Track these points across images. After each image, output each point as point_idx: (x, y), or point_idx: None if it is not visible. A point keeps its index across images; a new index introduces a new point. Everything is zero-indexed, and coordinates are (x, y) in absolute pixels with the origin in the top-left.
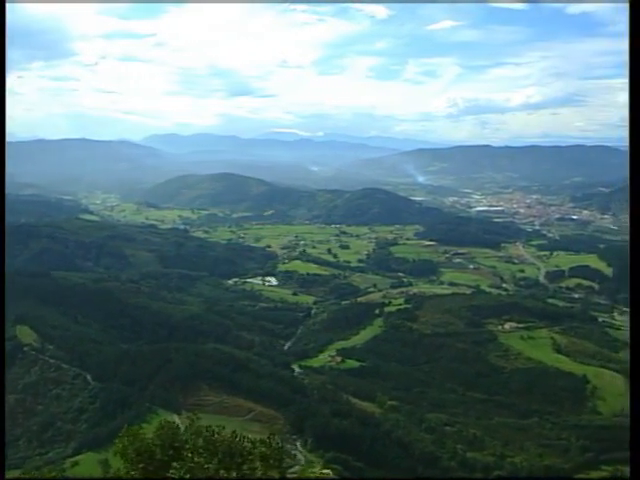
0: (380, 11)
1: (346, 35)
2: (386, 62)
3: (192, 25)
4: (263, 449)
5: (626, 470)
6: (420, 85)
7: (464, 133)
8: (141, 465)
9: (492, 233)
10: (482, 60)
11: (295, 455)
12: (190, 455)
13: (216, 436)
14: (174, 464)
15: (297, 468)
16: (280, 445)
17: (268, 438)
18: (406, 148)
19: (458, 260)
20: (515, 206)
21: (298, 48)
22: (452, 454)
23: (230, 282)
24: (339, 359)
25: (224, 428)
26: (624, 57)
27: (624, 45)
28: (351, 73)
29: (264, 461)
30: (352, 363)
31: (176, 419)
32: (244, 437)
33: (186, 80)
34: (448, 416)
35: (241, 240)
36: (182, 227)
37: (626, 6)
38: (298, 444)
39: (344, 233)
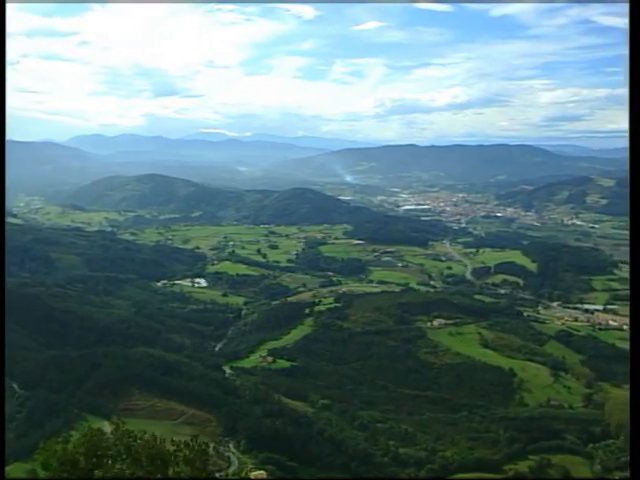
0: (307, 11)
1: (273, 35)
2: (313, 62)
3: (117, 24)
4: (187, 452)
5: (553, 459)
6: (347, 85)
7: (391, 133)
8: (64, 474)
9: (420, 231)
10: (408, 61)
11: (229, 457)
12: (113, 461)
13: (139, 441)
14: (96, 472)
15: (231, 470)
16: (205, 447)
17: (191, 441)
18: (334, 148)
19: (387, 258)
20: (442, 204)
21: (225, 48)
22: (385, 450)
23: (159, 284)
24: (270, 359)
25: (145, 433)
26: (545, 59)
27: (545, 47)
28: (279, 73)
29: (189, 464)
30: (283, 363)
31: (106, 425)
32: (169, 440)
33: (111, 80)
34: (380, 413)
35: (169, 242)
36: (109, 229)
37: (626, 7)
38: (231, 446)
39: (273, 233)
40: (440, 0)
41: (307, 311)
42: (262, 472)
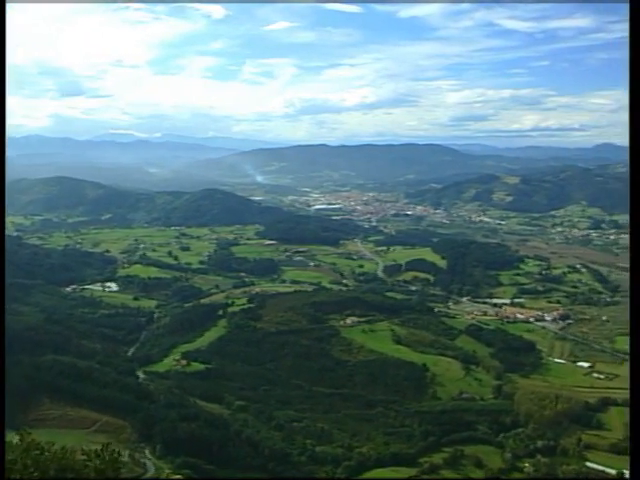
0: (217, 11)
1: (183, 34)
2: (223, 62)
3: (19, 22)
4: (98, 462)
5: (466, 449)
6: (258, 85)
7: (302, 133)
8: None
9: (331, 230)
10: (318, 61)
11: (144, 463)
12: (19, 475)
13: (47, 453)
14: None
15: (148, 476)
16: (116, 455)
17: (102, 450)
18: (245, 148)
19: (299, 258)
20: (352, 203)
21: (133, 47)
22: (302, 449)
23: (68, 289)
24: (184, 362)
25: (54, 444)
26: (451, 60)
27: (451, 49)
28: (188, 73)
29: (100, 474)
30: (197, 366)
31: (14, 437)
32: (79, 450)
33: (15, 79)
34: (296, 412)
35: (78, 245)
36: (15, 234)
37: (626, 6)
38: (147, 452)
39: (184, 235)
40: (349, 1)
41: (220, 312)
42: (179, 477)
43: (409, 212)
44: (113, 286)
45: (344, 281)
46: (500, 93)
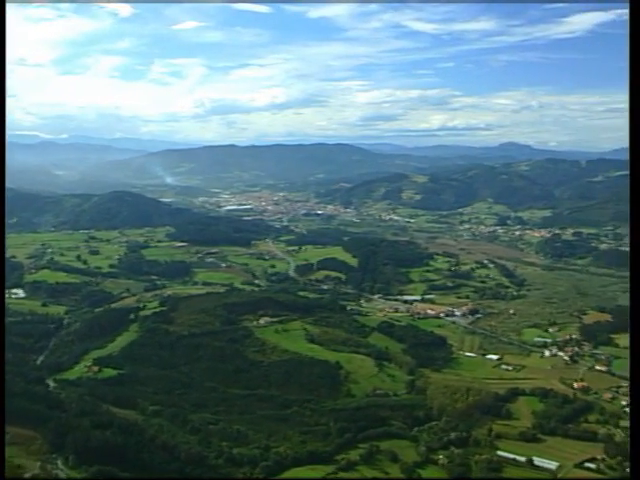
0: (124, 9)
1: (88, 33)
2: (131, 62)
3: None
4: None
5: (382, 445)
6: (166, 86)
7: (211, 133)
8: None
9: (242, 231)
10: (227, 61)
11: (57, 475)
12: None
13: None
14: None
15: None
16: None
17: None
18: (153, 149)
19: (210, 259)
20: (263, 204)
21: (37, 45)
22: (218, 452)
23: None
24: (96, 369)
25: None
26: (360, 60)
27: (360, 49)
28: (94, 72)
29: None
30: (110, 372)
31: None
32: None
33: None
34: (211, 415)
35: None
36: None
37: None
38: (59, 462)
39: (93, 238)
40: (258, 1)
41: (132, 317)
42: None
43: (320, 211)
44: (20, 292)
45: (256, 281)
46: (408, 93)
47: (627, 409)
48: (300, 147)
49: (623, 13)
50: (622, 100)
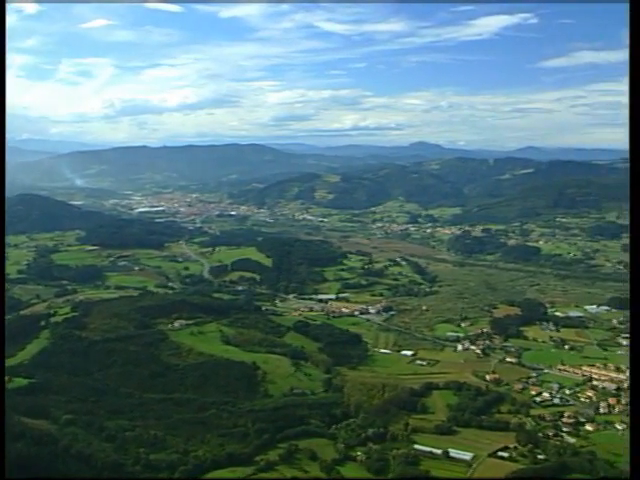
0: (29, 6)
1: None
2: (38, 61)
3: None
4: None
5: (300, 444)
6: (75, 86)
7: (122, 134)
8: None
9: (155, 233)
10: (138, 61)
11: None
12: None
13: None
14: None
15: None
16: None
17: None
18: (63, 150)
19: (123, 263)
20: (176, 205)
21: None
22: (135, 458)
23: None
24: (6, 378)
25: None
26: (272, 61)
27: (272, 50)
28: None
29: None
30: (20, 381)
31: None
32: None
33: None
34: (127, 421)
35: None
36: None
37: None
38: None
39: None
40: (169, 0)
41: (42, 323)
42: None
43: (233, 212)
44: None
45: (170, 284)
46: (320, 94)
47: (537, 398)
48: (212, 148)
49: (528, 17)
50: (527, 100)
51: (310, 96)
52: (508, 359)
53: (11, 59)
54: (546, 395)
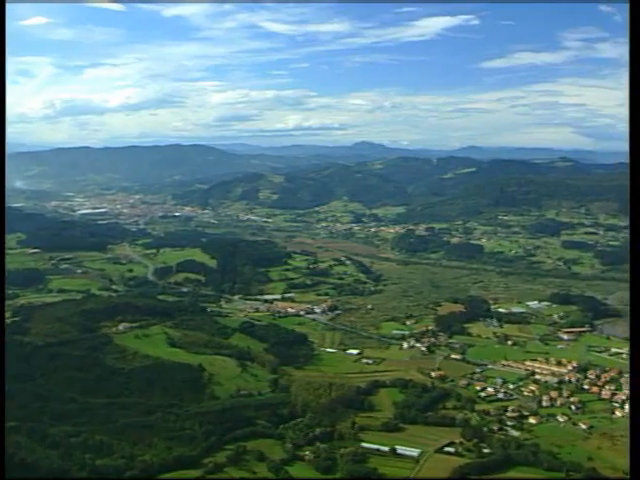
0: None
1: None
2: None
3: None
4: None
5: (248, 445)
6: (14, 85)
7: (63, 135)
8: None
9: (98, 235)
10: (79, 60)
11: None
12: None
13: None
14: None
15: None
16: None
17: None
18: None
19: (65, 266)
20: (119, 207)
21: None
22: (81, 465)
23: None
24: None
25: None
26: (215, 61)
27: (215, 50)
28: None
29: None
30: None
31: None
32: None
33: None
34: (72, 427)
35: None
36: None
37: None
38: None
39: None
40: None
41: None
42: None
43: (177, 213)
44: None
45: (114, 287)
46: (264, 94)
47: (481, 394)
48: (155, 148)
49: (469, 18)
50: (469, 100)
51: (253, 96)
52: (453, 356)
53: None
54: (490, 390)
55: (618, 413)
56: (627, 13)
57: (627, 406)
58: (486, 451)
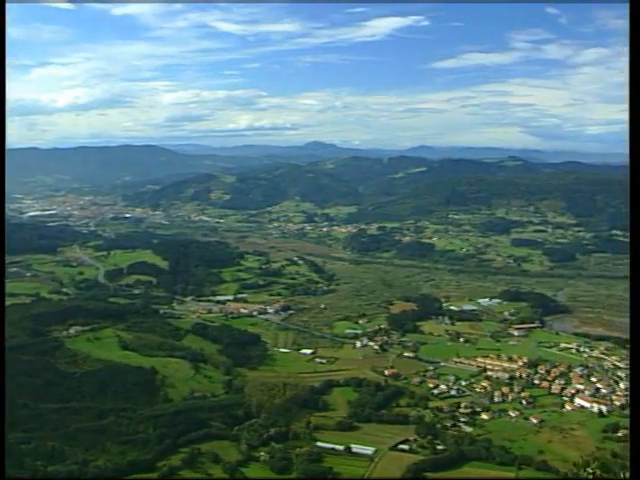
0: None
1: None
2: None
3: None
4: None
5: (203, 447)
6: None
7: (12, 136)
8: None
9: (47, 238)
10: (26, 59)
11: None
12: None
13: None
14: None
15: None
16: None
17: None
18: None
19: (14, 269)
20: (69, 208)
21: None
22: (33, 472)
23: None
24: None
25: None
26: (166, 61)
27: (166, 49)
28: None
29: None
30: None
31: None
32: None
33: None
34: (23, 433)
35: None
36: None
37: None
38: None
39: None
40: None
41: None
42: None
43: (128, 215)
44: None
45: (64, 290)
46: (215, 94)
47: (434, 391)
48: (105, 149)
49: (420, 19)
50: (420, 100)
51: (205, 96)
52: (406, 354)
53: None
54: (443, 387)
55: (568, 407)
56: (627, 13)
57: (578, 400)
58: (440, 447)
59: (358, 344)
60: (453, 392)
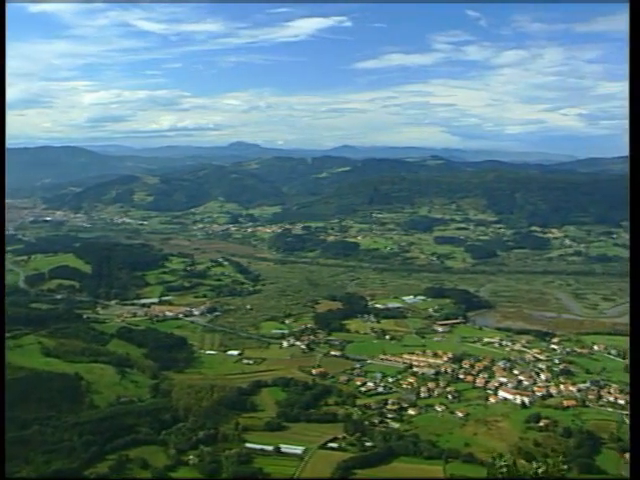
0: None
1: None
2: None
3: None
4: None
5: (131, 453)
6: None
7: None
8: None
9: None
10: None
11: None
12: None
13: None
14: None
15: None
16: None
17: None
18: None
19: None
20: None
21: None
22: None
23: None
24: None
25: None
26: (86, 60)
27: (86, 48)
28: None
29: None
30: None
31: None
32: None
33: None
34: None
35: None
36: None
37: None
38: None
39: None
40: None
41: None
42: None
43: (48, 218)
44: None
45: None
46: (136, 94)
47: (362, 388)
48: (24, 150)
49: (342, 20)
50: (343, 100)
51: (126, 96)
52: (332, 352)
53: None
54: (370, 385)
55: (492, 399)
56: (627, 12)
57: (502, 392)
58: (369, 444)
59: (285, 344)
60: (380, 389)
